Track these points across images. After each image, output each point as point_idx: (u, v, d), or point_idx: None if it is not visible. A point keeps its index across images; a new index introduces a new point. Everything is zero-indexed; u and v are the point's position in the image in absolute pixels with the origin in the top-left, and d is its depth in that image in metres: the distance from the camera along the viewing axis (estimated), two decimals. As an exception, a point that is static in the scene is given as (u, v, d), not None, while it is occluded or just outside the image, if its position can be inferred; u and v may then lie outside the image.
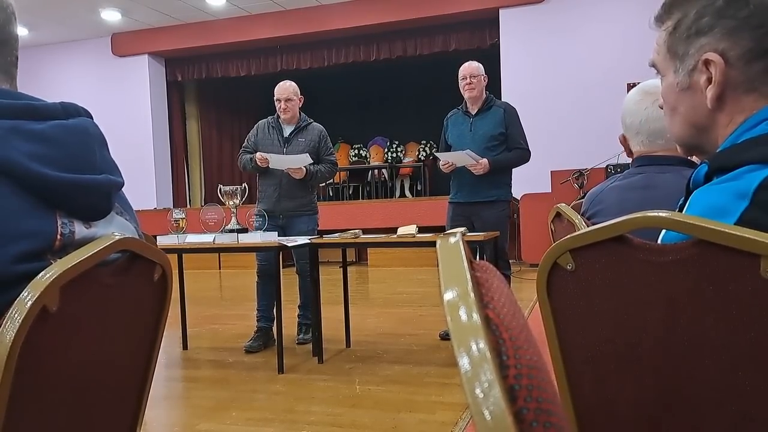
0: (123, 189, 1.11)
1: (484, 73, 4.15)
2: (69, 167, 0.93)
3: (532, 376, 0.41)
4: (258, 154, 4.10)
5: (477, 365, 0.39)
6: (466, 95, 4.12)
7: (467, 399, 0.38)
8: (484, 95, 4.14)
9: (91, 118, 1.04)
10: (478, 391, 0.38)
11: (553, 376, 0.92)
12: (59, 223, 0.92)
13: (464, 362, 0.39)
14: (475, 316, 0.41)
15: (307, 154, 4.07)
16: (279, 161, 4.07)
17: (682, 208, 0.92)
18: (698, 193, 0.89)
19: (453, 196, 4.21)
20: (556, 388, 0.45)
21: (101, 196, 0.99)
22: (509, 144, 4.09)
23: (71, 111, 1.00)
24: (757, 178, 0.80)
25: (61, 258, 0.91)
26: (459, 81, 4.14)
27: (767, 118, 0.89)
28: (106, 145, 1.05)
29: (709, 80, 0.92)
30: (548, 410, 0.40)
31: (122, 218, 1.06)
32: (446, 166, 4.06)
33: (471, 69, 4.11)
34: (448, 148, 4.19)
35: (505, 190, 4.17)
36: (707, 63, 0.91)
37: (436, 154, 4.17)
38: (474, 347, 0.40)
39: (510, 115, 4.13)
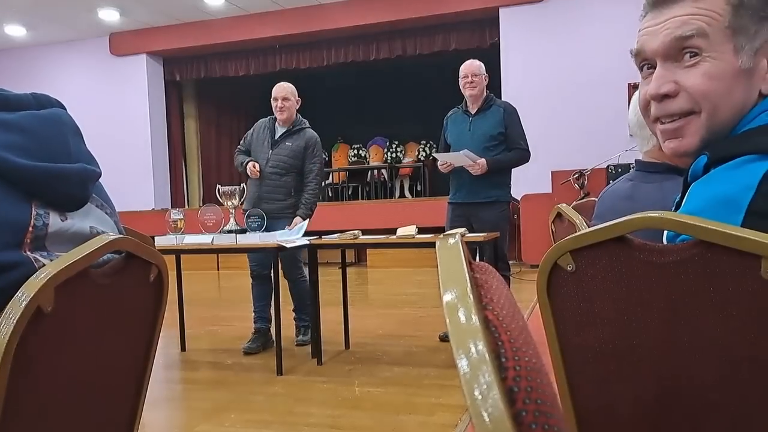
0: (120, 188, 1.10)
1: (485, 72, 4.13)
2: (43, 156, 0.93)
3: (531, 378, 0.40)
4: (250, 165, 4.11)
5: (476, 367, 0.38)
6: (466, 93, 4.10)
7: (466, 401, 0.38)
8: (485, 94, 4.12)
9: (64, 108, 1.03)
10: (476, 392, 0.37)
11: (553, 378, 0.92)
12: (34, 213, 0.91)
13: (463, 364, 0.39)
14: (474, 318, 0.41)
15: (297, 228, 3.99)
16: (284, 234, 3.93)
17: (680, 205, 0.91)
18: (698, 185, 0.88)
19: (452, 196, 4.19)
20: (555, 390, 0.44)
21: (76, 184, 0.98)
22: (509, 144, 4.06)
23: (43, 101, 1.00)
24: (762, 169, 0.80)
25: (37, 251, 0.90)
26: (459, 79, 4.12)
27: (765, 110, 0.89)
28: (81, 135, 1.04)
29: None
30: (547, 412, 0.39)
31: (101, 211, 1.05)
32: (444, 166, 4.05)
33: (472, 68, 4.09)
34: (447, 148, 4.17)
35: (504, 191, 4.13)
36: None
37: (435, 155, 4.15)
38: (473, 349, 0.39)
39: (510, 114, 4.10)
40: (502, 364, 0.40)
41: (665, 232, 0.90)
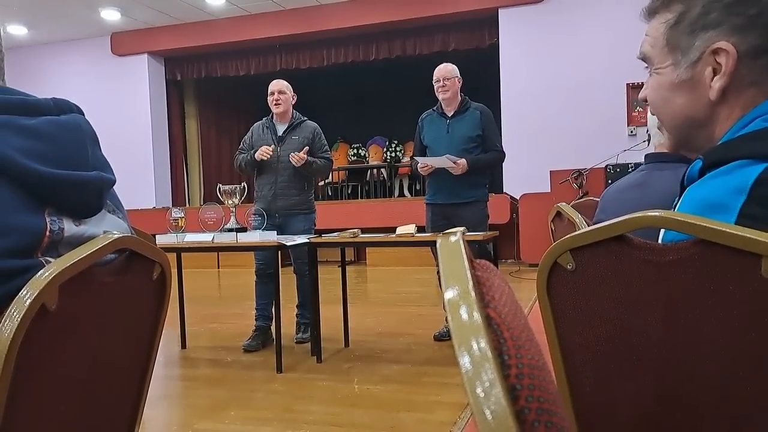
0: (122, 187, 1.10)
1: (458, 75, 4.17)
2: (60, 163, 0.93)
3: (533, 376, 0.41)
4: (260, 150, 4.12)
5: (478, 364, 0.39)
6: (439, 97, 4.15)
7: (468, 398, 0.38)
8: (460, 97, 4.17)
9: (83, 114, 1.03)
10: (479, 390, 0.38)
11: (554, 376, 0.92)
12: (48, 220, 0.91)
13: (465, 361, 0.39)
14: (477, 315, 0.41)
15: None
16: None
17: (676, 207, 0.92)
18: (692, 189, 0.89)
19: (431, 197, 4.23)
20: (557, 388, 0.45)
21: (92, 193, 0.98)
22: (485, 146, 4.13)
23: (63, 107, 1.00)
24: (753, 174, 0.81)
25: (49, 256, 0.90)
26: (433, 83, 4.16)
27: (761, 114, 0.90)
28: (98, 142, 1.04)
29: (714, 71, 0.92)
30: (550, 410, 0.40)
31: (114, 216, 1.05)
32: (425, 168, 4.07)
33: (444, 71, 4.12)
34: (423, 149, 4.22)
35: (483, 191, 4.20)
36: (716, 52, 0.91)
37: (417, 159, 4.18)
38: (475, 346, 0.39)
39: (486, 117, 4.18)
40: (504, 362, 0.41)
41: (661, 232, 0.91)
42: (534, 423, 0.39)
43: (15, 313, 0.78)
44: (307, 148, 4.14)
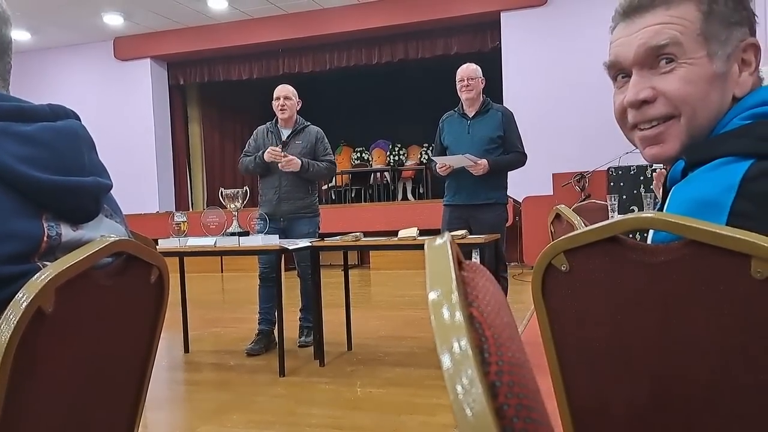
0: (125, 192, 1.11)
1: (481, 76, 4.14)
2: (57, 169, 0.94)
3: (513, 373, 0.41)
4: (268, 151, 4.13)
5: (459, 363, 0.39)
6: (463, 97, 4.12)
7: (449, 396, 0.39)
8: (482, 98, 4.15)
9: (79, 119, 1.04)
10: (459, 388, 0.38)
11: (540, 374, 0.92)
12: (45, 225, 0.92)
13: (446, 360, 0.40)
14: (458, 315, 0.42)
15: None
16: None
17: (662, 210, 0.92)
18: (678, 189, 0.89)
19: (450, 198, 4.18)
20: (537, 385, 0.45)
21: (89, 198, 0.99)
22: (507, 147, 4.10)
23: (59, 113, 1.01)
24: (740, 170, 0.81)
25: (47, 260, 0.91)
26: (456, 83, 4.15)
27: (739, 113, 0.91)
28: (95, 147, 1.05)
29: (739, 68, 0.92)
30: (529, 406, 0.40)
31: (112, 221, 1.06)
32: (443, 168, 4.05)
33: (468, 71, 4.11)
34: (443, 150, 4.18)
35: (502, 193, 4.16)
36: (747, 49, 0.91)
37: (434, 159, 4.15)
38: (456, 345, 0.40)
39: (508, 118, 4.14)
40: (484, 359, 0.41)
41: (650, 233, 0.91)
42: (513, 419, 0.39)
43: (11, 317, 0.78)
44: (297, 162, 4.14)
